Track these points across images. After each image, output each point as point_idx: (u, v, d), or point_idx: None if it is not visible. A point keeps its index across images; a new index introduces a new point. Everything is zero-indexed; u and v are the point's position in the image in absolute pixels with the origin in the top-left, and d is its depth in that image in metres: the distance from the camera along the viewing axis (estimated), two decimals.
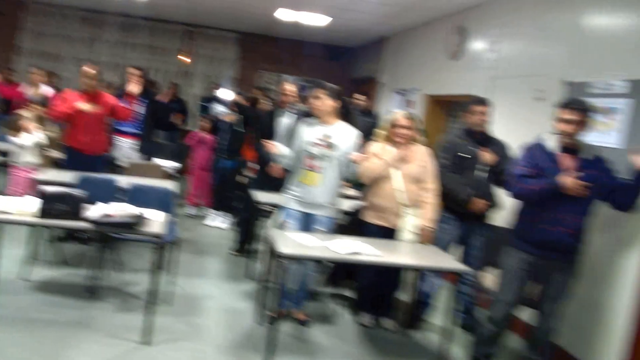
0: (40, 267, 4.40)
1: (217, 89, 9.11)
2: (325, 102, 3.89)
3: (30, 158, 5.17)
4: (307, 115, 4.21)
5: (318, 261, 4.22)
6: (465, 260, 4.11)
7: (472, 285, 4.12)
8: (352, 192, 4.97)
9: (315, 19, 7.94)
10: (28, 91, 6.99)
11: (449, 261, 3.73)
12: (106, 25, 10.13)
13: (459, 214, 4.08)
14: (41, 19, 10.00)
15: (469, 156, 4.04)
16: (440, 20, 6.74)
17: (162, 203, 4.14)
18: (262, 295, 4.07)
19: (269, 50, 10.62)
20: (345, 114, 4.10)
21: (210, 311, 4.14)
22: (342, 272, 4.52)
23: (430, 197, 3.95)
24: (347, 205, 4.55)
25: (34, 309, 3.73)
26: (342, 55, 10.57)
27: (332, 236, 3.80)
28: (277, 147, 3.98)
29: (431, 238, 3.98)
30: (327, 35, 9.54)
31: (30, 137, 5.15)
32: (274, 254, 3.45)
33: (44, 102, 5.93)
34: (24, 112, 5.36)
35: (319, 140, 3.87)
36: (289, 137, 4.09)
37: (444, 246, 4.05)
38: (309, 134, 3.91)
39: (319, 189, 3.89)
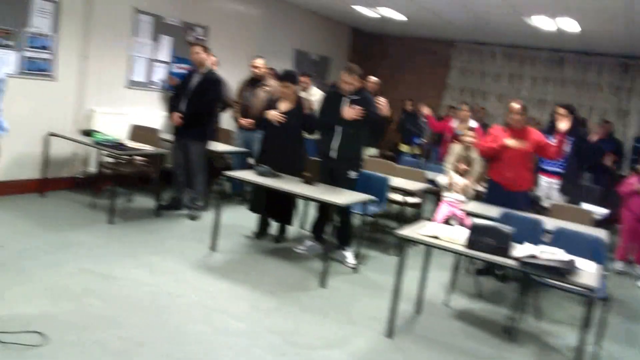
0: (459, 296, 4.44)
1: None
2: None
3: (457, 194, 5.44)
4: None
5: None
6: None
7: None
8: None
9: None
10: (456, 125, 7.32)
11: None
12: (530, 60, 10.02)
13: None
14: (467, 56, 10.60)
15: None
16: None
17: (592, 253, 3.67)
18: None
19: None
20: None
21: None
22: None
23: None
24: None
25: (451, 335, 3.75)
26: None
27: None
28: None
29: None
30: None
31: (459, 179, 5.46)
32: None
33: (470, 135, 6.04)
34: (455, 147, 5.72)
35: None
36: None
37: None
38: None
39: None
